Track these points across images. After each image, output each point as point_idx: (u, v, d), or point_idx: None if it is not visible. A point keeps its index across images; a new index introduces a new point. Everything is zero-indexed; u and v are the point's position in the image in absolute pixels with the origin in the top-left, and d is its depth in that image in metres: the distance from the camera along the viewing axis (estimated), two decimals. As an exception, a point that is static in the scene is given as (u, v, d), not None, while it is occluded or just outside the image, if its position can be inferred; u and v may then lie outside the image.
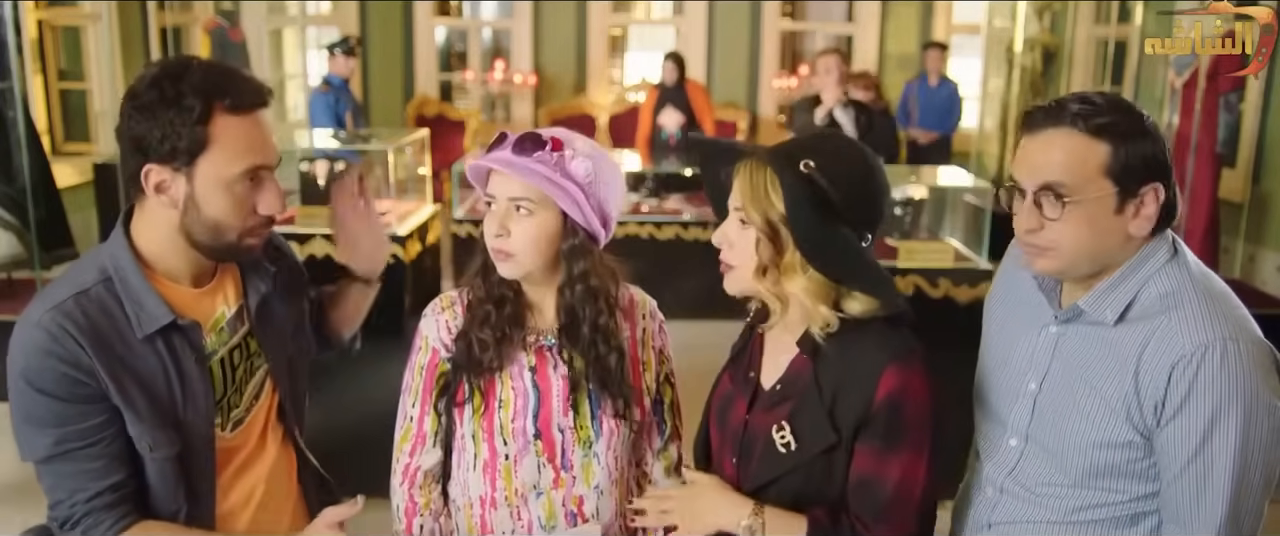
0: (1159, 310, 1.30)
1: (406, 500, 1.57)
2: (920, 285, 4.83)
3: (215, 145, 1.34)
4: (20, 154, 4.23)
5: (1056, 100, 1.33)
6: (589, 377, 1.52)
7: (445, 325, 1.56)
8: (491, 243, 1.46)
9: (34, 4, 6.42)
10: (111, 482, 1.37)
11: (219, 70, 1.36)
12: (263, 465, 1.56)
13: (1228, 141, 5.68)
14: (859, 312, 1.34)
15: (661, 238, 5.52)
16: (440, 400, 1.55)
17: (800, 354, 1.39)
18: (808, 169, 1.30)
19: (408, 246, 5.03)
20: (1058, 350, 1.40)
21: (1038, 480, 1.40)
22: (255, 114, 1.38)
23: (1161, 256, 1.33)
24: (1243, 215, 5.67)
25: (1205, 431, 1.24)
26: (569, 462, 1.53)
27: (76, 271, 1.42)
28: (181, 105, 1.31)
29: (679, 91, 6.73)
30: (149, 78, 1.34)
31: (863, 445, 1.33)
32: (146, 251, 1.42)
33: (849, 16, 9.17)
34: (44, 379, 1.33)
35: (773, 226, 1.32)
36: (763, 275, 1.34)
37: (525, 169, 1.41)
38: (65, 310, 1.34)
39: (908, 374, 1.31)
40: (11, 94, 4.25)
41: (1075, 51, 7.80)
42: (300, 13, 9.01)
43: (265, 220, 1.42)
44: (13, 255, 4.33)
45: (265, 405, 1.57)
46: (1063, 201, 1.28)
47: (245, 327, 1.52)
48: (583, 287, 1.49)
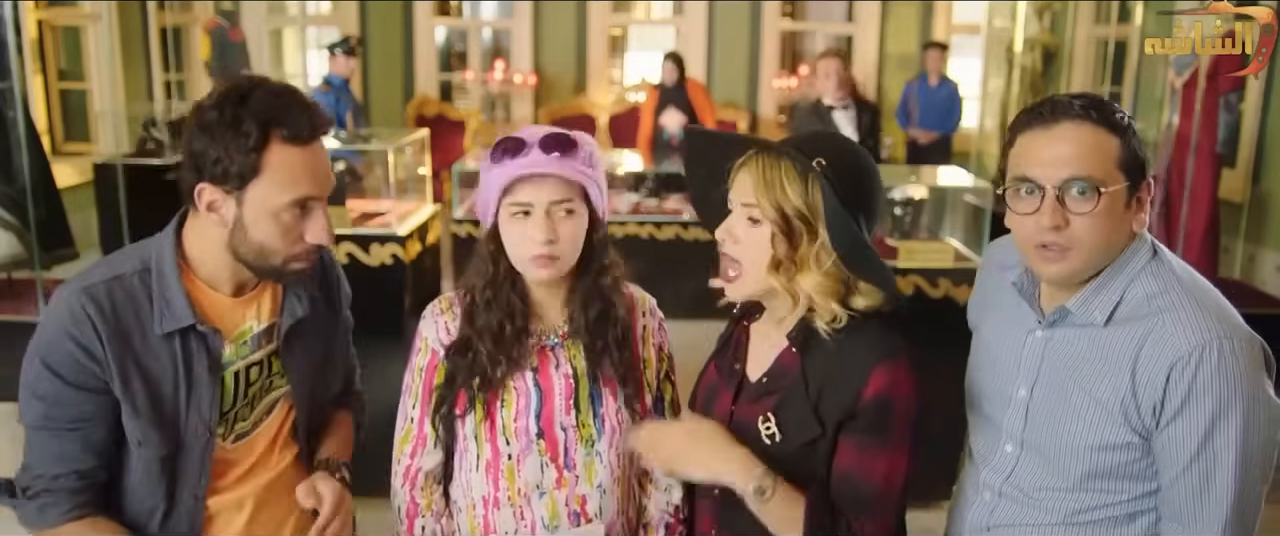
0: (1149, 311, 1.29)
1: (408, 501, 1.57)
2: (920, 285, 4.83)
3: (267, 173, 1.35)
4: (20, 154, 4.24)
5: (1048, 98, 1.32)
6: (603, 369, 1.52)
7: (445, 327, 1.56)
8: (539, 250, 1.44)
9: (34, 4, 6.43)
10: (78, 468, 1.41)
11: (282, 97, 1.36)
12: (262, 479, 1.55)
13: (1228, 141, 5.68)
14: (864, 308, 1.34)
15: (661, 238, 5.53)
16: (438, 413, 1.54)
17: (788, 347, 1.39)
18: (820, 166, 1.30)
19: (408, 246, 5.03)
20: (1046, 354, 1.39)
21: (1035, 485, 1.40)
22: (312, 145, 1.38)
23: (1144, 255, 1.33)
24: (1243, 215, 5.67)
25: (1207, 430, 1.24)
26: (572, 461, 1.53)
27: (122, 256, 1.46)
28: (239, 130, 1.32)
29: (680, 91, 6.72)
30: (216, 96, 1.35)
31: (847, 438, 1.33)
32: (192, 254, 1.45)
33: (849, 16, 9.17)
34: (54, 355, 1.37)
35: (787, 220, 1.31)
36: (777, 270, 1.33)
37: (572, 170, 1.42)
38: (94, 293, 1.38)
39: (896, 372, 1.31)
40: (11, 94, 4.25)
41: (1075, 51, 7.80)
42: (300, 13, 9.01)
43: (312, 247, 1.43)
44: (13, 255, 4.34)
45: (276, 422, 1.57)
46: (1099, 193, 1.26)
47: (271, 346, 1.52)
48: (610, 277, 1.52)
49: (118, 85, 6.73)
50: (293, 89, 1.39)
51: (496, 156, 1.45)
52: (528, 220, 1.44)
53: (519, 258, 1.47)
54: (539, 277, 1.48)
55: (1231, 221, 5.58)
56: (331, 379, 1.66)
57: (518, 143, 1.44)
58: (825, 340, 1.35)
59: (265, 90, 1.35)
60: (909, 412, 1.32)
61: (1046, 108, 1.30)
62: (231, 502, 1.51)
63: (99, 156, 6.43)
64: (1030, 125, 1.31)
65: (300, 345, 1.55)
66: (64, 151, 6.85)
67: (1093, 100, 1.29)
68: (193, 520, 1.48)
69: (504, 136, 1.46)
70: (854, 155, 1.36)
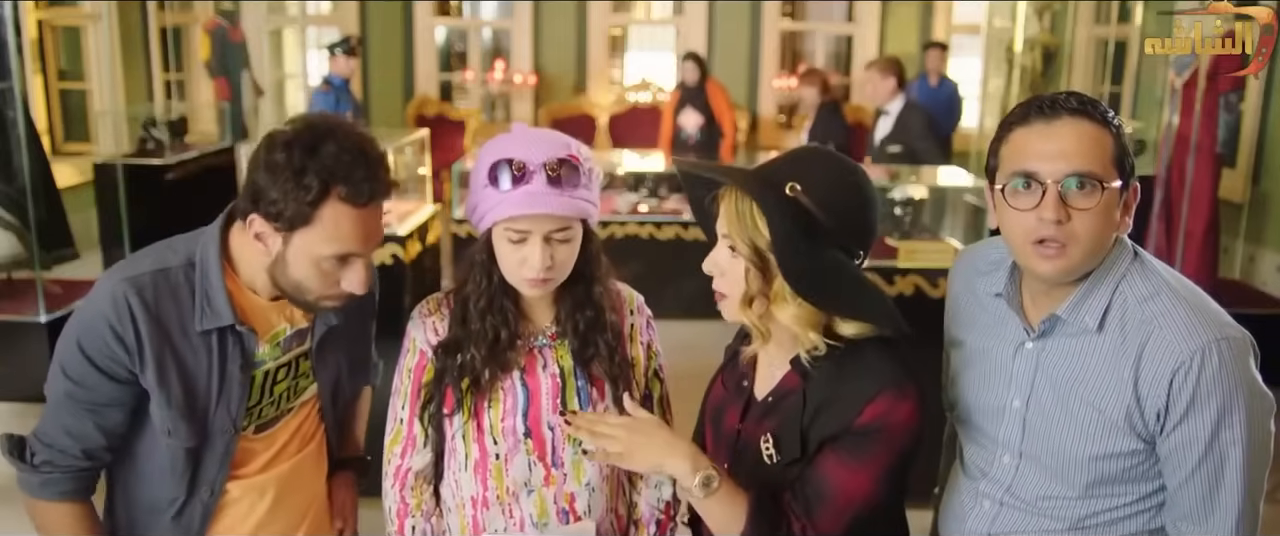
0: (1142, 316, 1.29)
1: (398, 502, 1.58)
2: (920, 285, 4.82)
3: (318, 226, 1.36)
4: (20, 154, 4.23)
5: (1038, 96, 1.30)
6: (592, 370, 1.53)
7: (433, 328, 1.56)
8: (535, 274, 1.42)
9: (34, 4, 6.43)
10: (86, 447, 1.46)
11: (352, 154, 1.35)
12: (284, 467, 1.60)
13: (1228, 141, 5.67)
14: (852, 335, 1.31)
15: (661, 238, 5.52)
16: (426, 411, 1.54)
17: (789, 373, 1.37)
18: (794, 192, 1.27)
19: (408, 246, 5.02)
20: (1040, 366, 1.37)
21: (1037, 494, 1.39)
22: (370, 207, 1.39)
23: (1127, 257, 1.33)
24: (1243, 215, 5.67)
25: (1213, 430, 1.25)
26: (559, 460, 1.53)
27: (170, 248, 1.48)
28: (301, 181, 1.33)
29: (700, 92, 6.69)
30: (288, 136, 1.35)
31: (826, 451, 1.31)
32: (235, 255, 1.47)
33: (849, 16, 9.16)
34: (89, 338, 1.41)
35: (760, 255, 1.29)
36: (748, 305, 1.31)
37: (573, 203, 1.40)
38: (139, 285, 1.41)
39: (897, 404, 1.28)
40: (11, 94, 4.25)
41: (1075, 51, 7.80)
42: (300, 13, 9.00)
43: (346, 294, 1.45)
44: (13, 255, 4.33)
45: (300, 416, 1.61)
46: (1101, 188, 1.25)
47: (302, 348, 1.56)
48: (600, 285, 1.51)
49: (118, 85, 6.72)
50: (363, 147, 1.37)
51: (495, 177, 1.40)
52: (524, 246, 1.42)
53: (512, 276, 1.46)
54: (532, 294, 1.49)
55: (1231, 221, 5.57)
56: (359, 380, 1.73)
57: (520, 169, 1.38)
58: (827, 365, 1.32)
59: (338, 145, 1.34)
60: (896, 443, 1.28)
61: (1044, 103, 1.28)
62: (255, 487, 1.56)
63: (99, 156, 6.42)
64: (1027, 120, 1.29)
65: (331, 351, 1.60)
66: (64, 151, 6.85)
67: (1086, 98, 1.28)
68: (206, 511, 1.52)
69: (504, 156, 1.40)
70: (838, 175, 1.30)
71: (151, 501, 1.52)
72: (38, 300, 4.06)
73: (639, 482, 1.65)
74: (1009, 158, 1.30)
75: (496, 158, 1.41)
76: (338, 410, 1.69)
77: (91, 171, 6.12)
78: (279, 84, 8.73)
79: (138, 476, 1.52)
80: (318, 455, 1.67)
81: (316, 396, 1.62)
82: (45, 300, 4.04)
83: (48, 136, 6.51)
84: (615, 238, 5.38)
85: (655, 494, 1.64)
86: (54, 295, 4.17)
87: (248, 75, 7.62)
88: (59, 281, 4.42)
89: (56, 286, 4.31)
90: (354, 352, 1.67)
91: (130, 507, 1.54)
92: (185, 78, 8.10)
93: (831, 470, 1.30)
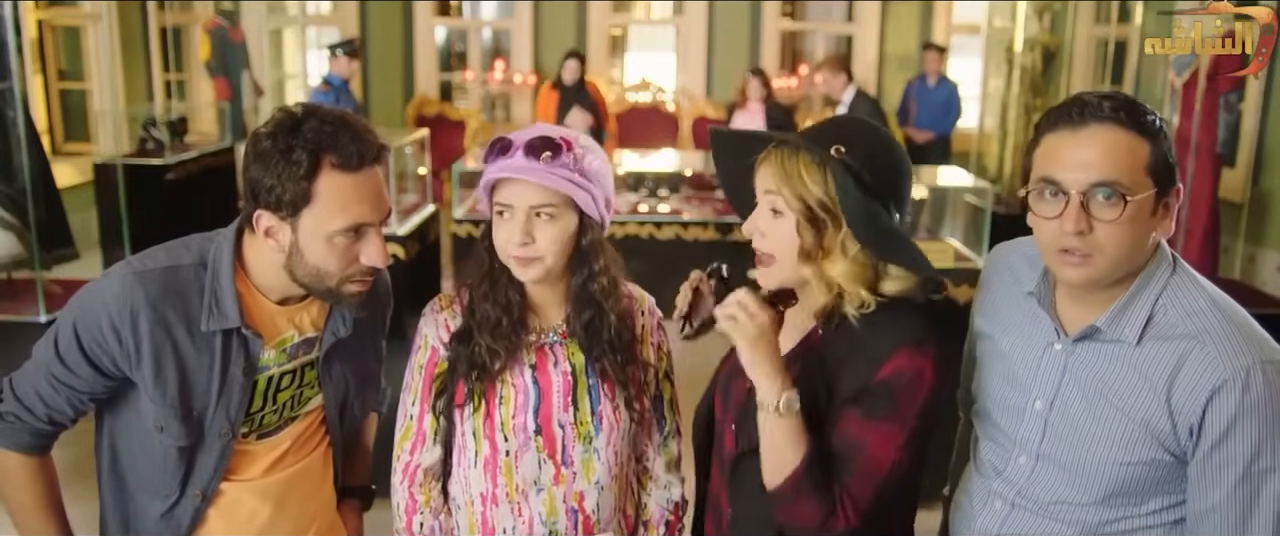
0: (1185, 331, 1.26)
1: (407, 498, 1.58)
2: (920, 285, 4.82)
3: (318, 200, 1.37)
4: (20, 154, 4.23)
5: (1078, 97, 1.27)
6: (600, 370, 1.53)
7: (444, 324, 1.56)
8: (515, 252, 1.45)
9: (34, 4, 6.43)
10: (52, 414, 1.48)
11: (334, 124, 1.37)
12: (286, 473, 1.58)
13: (1228, 141, 5.67)
14: (894, 292, 1.34)
15: (661, 237, 5.52)
16: (438, 401, 1.55)
17: (815, 329, 1.38)
18: (839, 154, 1.30)
19: (408, 246, 5.02)
20: (1068, 369, 1.34)
21: (1052, 498, 1.36)
22: (364, 171, 1.40)
23: (1166, 267, 1.31)
24: (1243, 215, 5.67)
25: (1252, 456, 1.21)
26: (569, 458, 1.53)
27: (184, 246, 1.48)
28: (290, 159, 1.35)
29: (581, 91, 6.36)
30: (271, 124, 1.38)
31: (849, 410, 1.32)
32: (249, 257, 1.47)
33: (849, 16, 9.17)
34: (85, 324, 1.42)
35: (810, 210, 1.32)
36: (807, 260, 1.34)
37: (551, 176, 1.42)
38: (145, 281, 1.41)
39: (918, 358, 1.29)
40: (11, 94, 4.24)
41: (1075, 51, 7.79)
42: (300, 13, 9.01)
43: (368, 269, 1.45)
44: (13, 255, 4.33)
45: (304, 425, 1.60)
46: (1124, 201, 1.21)
47: (308, 357, 1.55)
48: (606, 280, 1.51)
49: (118, 85, 6.72)
50: (345, 117, 1.40)
51: (487, 155, 1.47)
52: (508, 221, 1.45)
53: (503, 256, 1.49)
54: (521, 277, 1.49)
55: (1231, 221, 5.57)
56: (367, 399, 1.71)
57: (505, 143, 1.45)
58: (852, 323, 1.34)
59: (318, 119, 1.37)
60: (921, 398, 1.29)
61: (1075, 108, 1.25)
62: (256, 491, 1.55)
63: (99, 156, 6.42)
64: (1057, 125, 1.26)
65: (339, 362, 1.59)
66: (64, 151, 6.86)
67: (1124, 101, 1.24)
68: (196, 512, 1.51)
69: (498, 135, 1.47)
70: (877, 140, 1.36)
71: (143, 502, 1.52)
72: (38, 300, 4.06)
73: (648, 483, 1.65)
74: (1039, 162, 1.28)
75: (492, 140, 1.48)
76: (345, 429, 1.67)
77: (91, 171, 6.12)
78: (279, 84, 8.73)
79: (134, 474, 1.52)
80: (323, 464, 1.65)
81: (321, 408, 1.61)
82: (45, 300, 4.04)
83: (48, 136, 6.51)
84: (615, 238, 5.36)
85: (664, 494, 1.64)
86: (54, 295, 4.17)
87: (248, 75, 7.62)
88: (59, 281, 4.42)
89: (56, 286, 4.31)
90: (362, 367, 1.65)
91: (121, 497, 1.54)
92: (185, 78, 8.10)
93: (856, 428, 1.31)
